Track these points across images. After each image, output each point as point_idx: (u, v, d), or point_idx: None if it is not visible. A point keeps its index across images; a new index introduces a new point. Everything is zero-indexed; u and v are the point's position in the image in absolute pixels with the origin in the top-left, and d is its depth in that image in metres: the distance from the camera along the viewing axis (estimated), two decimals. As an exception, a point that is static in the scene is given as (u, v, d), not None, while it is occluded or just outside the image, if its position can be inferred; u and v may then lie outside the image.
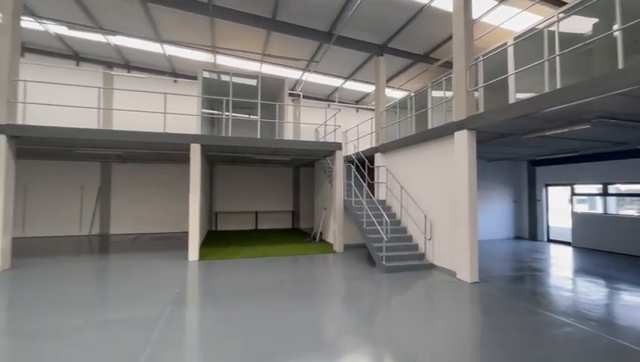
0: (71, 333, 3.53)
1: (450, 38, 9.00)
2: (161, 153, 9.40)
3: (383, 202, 8.91)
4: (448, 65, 10.44)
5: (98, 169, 11.55)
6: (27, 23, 9.36)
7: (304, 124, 13.84)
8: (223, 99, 10.11)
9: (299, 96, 13.80)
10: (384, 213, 7.02)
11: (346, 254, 8.24)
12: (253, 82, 10.92)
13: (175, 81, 13.02)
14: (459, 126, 6.00)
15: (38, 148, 8.27)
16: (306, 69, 12.17)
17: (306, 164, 12.68)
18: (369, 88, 13.82)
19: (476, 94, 6.91)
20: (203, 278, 5.90)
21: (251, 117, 12.88)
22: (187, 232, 11.96)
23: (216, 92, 11.47)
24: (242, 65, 12.16)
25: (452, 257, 6.24)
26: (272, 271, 6.45)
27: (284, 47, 10.55)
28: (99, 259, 7.47)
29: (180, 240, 10.15)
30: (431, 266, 6.79)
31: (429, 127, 8.66)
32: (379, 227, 6.91)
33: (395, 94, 13.93)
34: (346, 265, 7.07)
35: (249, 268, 6.69)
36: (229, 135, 9.69)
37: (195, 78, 13.00)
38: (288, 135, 11.36)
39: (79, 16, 9.21)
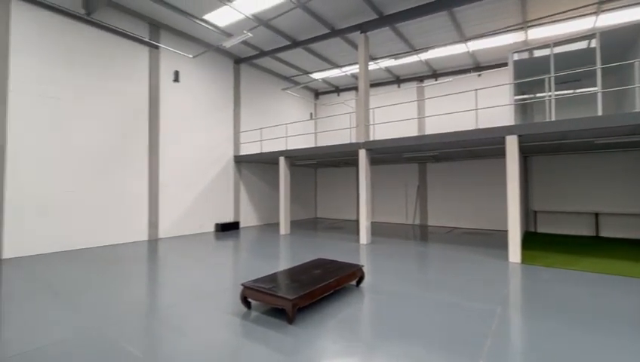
0: (424, 300, 4.36)
1: None
2: (471, 150, 9.50)
3: None
4: None
5: (416, 169, 13.68)
6: (370, 66, 12.85)
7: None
8: (543, 78, 8.59)
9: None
10: None
11: None
12: (584, 45, 8.42)
13: (479, 75, 12.77)
14: None
15: (381, 156, 11.05)
16: (691, -8, 7.68)
17: (699, 141, 7.93)
18: None
19: None
20: (530, 284, 5.26)
21: (576, 91, 10.00)
22: (498, 230, 11.39)
23: (529, 73, 10.00)
24: (565, 29, 9.74)
25: None
26: (635, 296, 4.58)
27: (641, -24, 7.28)
28: (423, 245, 8.77)
29: (491, 238, 9.79)
30: None
31: None
32: None
33: None
34: None
35: (592, 284, 5.16)
36: (552, 118, 8.08)
37: (500, 65, 12.13)
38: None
39: (400, 47, 11.40)
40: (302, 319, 3.82)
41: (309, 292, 3.82)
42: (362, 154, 8.99)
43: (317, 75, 14.53)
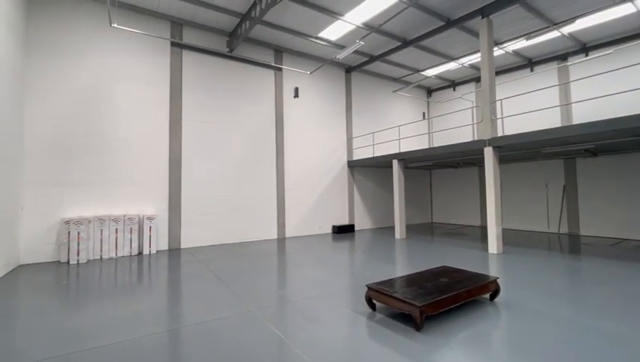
0: (585, 328, 3.58)
1: None
2: (650, 138, 7.26)
3: None
4: None
5: (561, 166, 11.31)
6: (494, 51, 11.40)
7: None
8: None
9: None
10: None
11: None
12: None
13: (658, 39, 9.69)
14: None
15: (511, 153, 9.63)
16: None
17: None
18: None
19: None
20: None
21: None
22: None
23: None
24: None
25: None
26: None
27: None
28: (575, 258, 7.13)
29: (693, 256, 7.20)
30: None
31: None
32: None
33: None
34: None
35: None
36: None
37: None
38: None
39: (534, 24, 9.72)
40: (429, 327, 3.66)
41: (438, 300, 3.64)
42: (489, 152, 8.02)
43: (429, 72, 13.77)
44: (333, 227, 12.03)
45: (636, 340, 3.31)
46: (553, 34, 10.28)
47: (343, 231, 12.03)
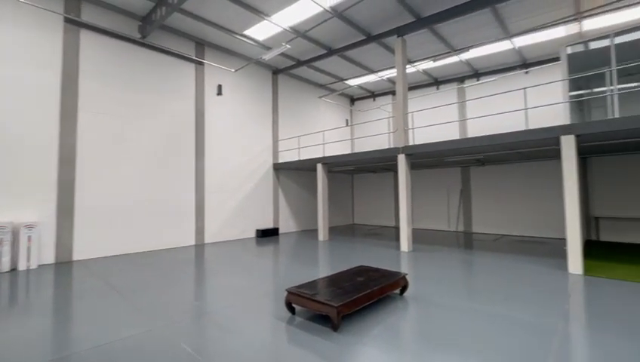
0: (474, 312, 4.14)
1: None
2: (521, 152, 8.92)
3: None
4: None
5: (459, 173, 13.11)
6: (407, 69, 12.65)
7: None
8: (603, 72, 7.90)
9: None
10: None
11: None
12: (652, 33, 7.60)
13: (526, 72, 12.01)
14: None
15: (420, 160, 10.75)
16: None
17: None
18: None
19: None
20: (594, 298, 4.78)
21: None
22: (554, 238, 10.49)
23: (585, 67, 9.20)
24: (626, 17, 8.86)
25: None
26: None
27: None
28: (469, 253, 8.33)
29: (546, 247, 9.05)
30: None
31: None
32: None
33: None
34: None
35: (679, 302, 4.55)
36: (615, 115, 7.37)
37: (550, 60, 11.33)
38: None
39: (439, 48, 11.08)
40: (345, 326, 3.80)
41: (353, 299, 3.80)
42: (402, 159, 8.81)
43: (352, 82, 14.57)
44: (257, 231, 11.73)
45: (516, 320, 3.97)
46: (453, 59, 11.89)
47: (267, 234, 11.83)
